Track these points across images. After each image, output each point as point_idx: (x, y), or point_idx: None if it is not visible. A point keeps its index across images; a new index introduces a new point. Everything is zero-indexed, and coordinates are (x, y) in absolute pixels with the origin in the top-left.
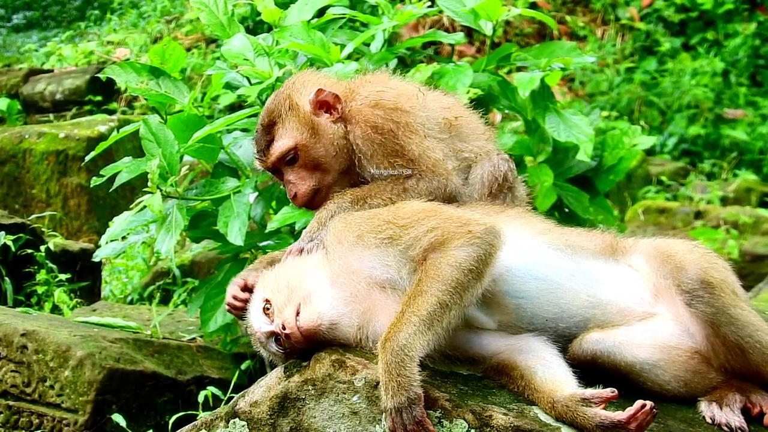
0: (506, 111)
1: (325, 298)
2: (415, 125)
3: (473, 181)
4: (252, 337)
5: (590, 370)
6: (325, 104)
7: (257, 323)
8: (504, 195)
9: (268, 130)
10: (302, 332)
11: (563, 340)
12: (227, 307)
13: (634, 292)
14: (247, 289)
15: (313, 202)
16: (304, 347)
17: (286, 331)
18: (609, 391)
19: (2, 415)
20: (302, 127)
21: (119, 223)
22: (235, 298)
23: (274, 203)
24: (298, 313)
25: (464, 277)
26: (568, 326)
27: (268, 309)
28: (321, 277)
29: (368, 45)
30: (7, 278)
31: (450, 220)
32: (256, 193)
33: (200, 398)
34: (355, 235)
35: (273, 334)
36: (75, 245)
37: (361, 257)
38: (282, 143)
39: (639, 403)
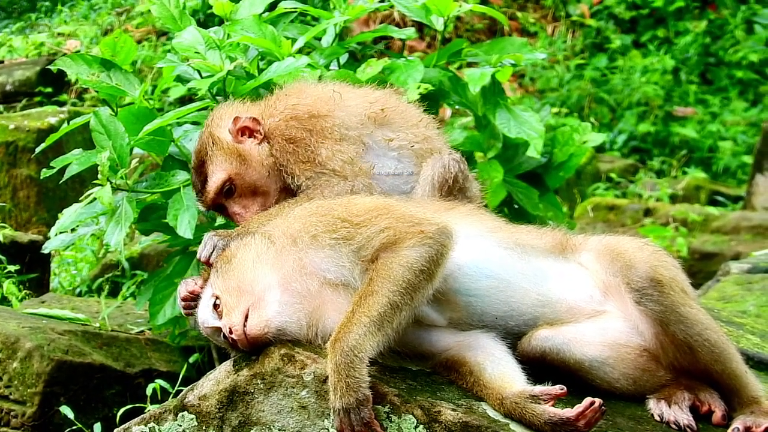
0: (457, 107)
1: (274, 304)
2: (330, 129)
3: (423, 182)
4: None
5: (540, 366)
6: (246, 130)
7: (205, 317)
8: (455, 196)
9: (200, 171)
10: (249, 339)
11: (513, 337)
12: (180, 303)
13: (584, 290)
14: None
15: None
16: (249, 350)
17: (233, 336)
18: (558, 389)
19: None
20: (229, 157)
21: (69, 215)
22: (190, 293)
23: None
24: (246, 317)
25: (415, 277)
26: (518, 324)
27: (217, 306)
28: (272, 281)
29: (319, 39)
30: None
31: (402, 219)
32: None
33: (148, 391)
34: (310, 235)
35: (220, 331)
36: (24, 237)
37: (314, 259)
38: (215, 178)
39: (588, 400)
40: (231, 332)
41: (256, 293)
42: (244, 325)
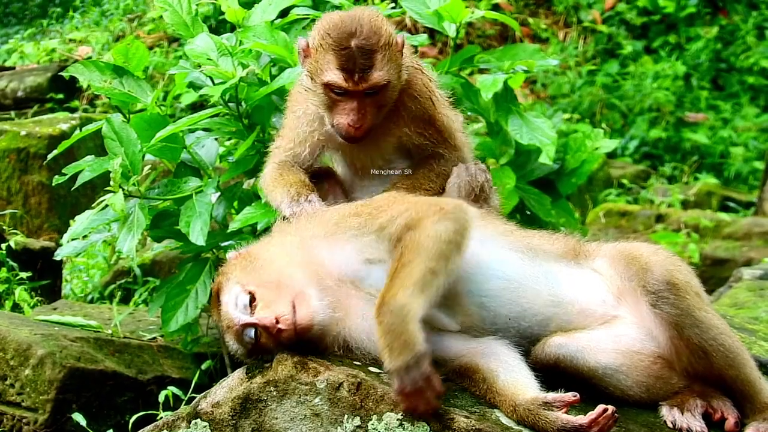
0: (469, 113)
1: (315, 299)
2: (442, 99)
3: (449, 189)
4: (222, 324)
5: (553, 373)
6: (403, 48)
7: (236, 313)
8: (479, 205)
9: (369, 56)
10: (297, 329)
11: (526, 342)
12: None
13: (596, 294)
14: None
15: (363, 138)
16: (285, 344)
17: (281, 326)
18: (571, 395)
19: None
20: (395, 65)
21: (81, 221)
22: None
23: (236, 203)
24: (294, 308)
25: (446, 247)
26: (531, 325)
27: (252, 302)
28: (307, 278)
29: None
30: None
31: (420, 203)
32: (218, 193)
33: (161, 398)
34: (336, 227)
35: (249, 326)
36: (36, 243)
37: (341, 255)
38: (381, 75)
39: (600, 407)
40: (278, 322)
41: (297, 287)
42: (294, 316)
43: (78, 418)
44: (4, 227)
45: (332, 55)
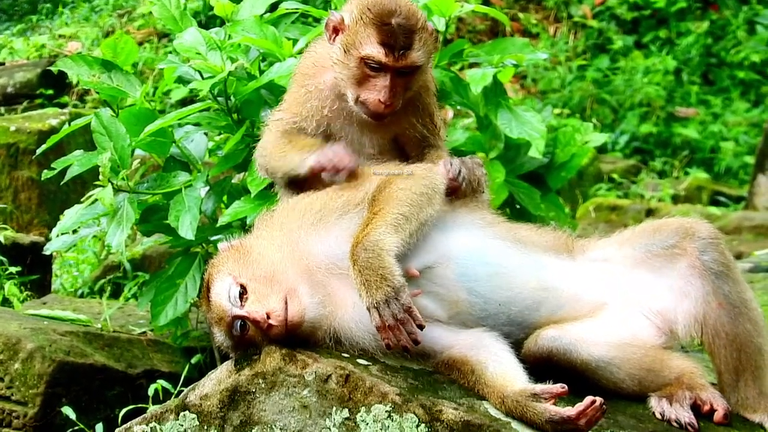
0: (458, 107)
1: (306, 296)
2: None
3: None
4: (212, 315)
5: (546, 367)
6: (433, 36)
7: (227, 305)
8: (474, 199)
9: (409, 35)
10: (288, 326)
11: (517, 329)
12: None
13: (588, 281)
14: None
15: (386, 117)
16: (272, 339)
17: (272, 321)
18: (559, 387)
19: None
20: (428, 51)
21: (70, 216)
22: None
23: (225, 197)
24: (285, 304)
25: (417, 197)
26: (521, 310)
27: (243, 294)
28: (297, 274)
29: None
30: None
31: (395, 172)
32: (208, 188)
33: (150, 392)
34: (320, 213)
35: (238, 318)
36: (26, 238)
37: (330, 238)
38: (418, 57)
39: (589, 399)
40: (269, 317)
41: (289, 283)
42: (286, 312)
43: (67, 411)
44: None
45: (373, 30)
